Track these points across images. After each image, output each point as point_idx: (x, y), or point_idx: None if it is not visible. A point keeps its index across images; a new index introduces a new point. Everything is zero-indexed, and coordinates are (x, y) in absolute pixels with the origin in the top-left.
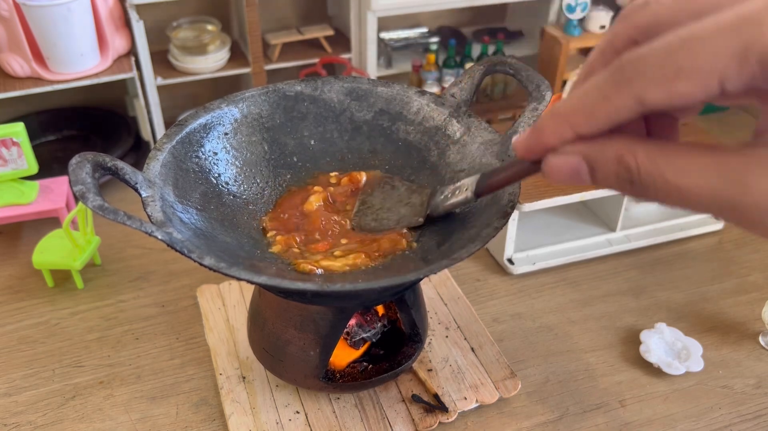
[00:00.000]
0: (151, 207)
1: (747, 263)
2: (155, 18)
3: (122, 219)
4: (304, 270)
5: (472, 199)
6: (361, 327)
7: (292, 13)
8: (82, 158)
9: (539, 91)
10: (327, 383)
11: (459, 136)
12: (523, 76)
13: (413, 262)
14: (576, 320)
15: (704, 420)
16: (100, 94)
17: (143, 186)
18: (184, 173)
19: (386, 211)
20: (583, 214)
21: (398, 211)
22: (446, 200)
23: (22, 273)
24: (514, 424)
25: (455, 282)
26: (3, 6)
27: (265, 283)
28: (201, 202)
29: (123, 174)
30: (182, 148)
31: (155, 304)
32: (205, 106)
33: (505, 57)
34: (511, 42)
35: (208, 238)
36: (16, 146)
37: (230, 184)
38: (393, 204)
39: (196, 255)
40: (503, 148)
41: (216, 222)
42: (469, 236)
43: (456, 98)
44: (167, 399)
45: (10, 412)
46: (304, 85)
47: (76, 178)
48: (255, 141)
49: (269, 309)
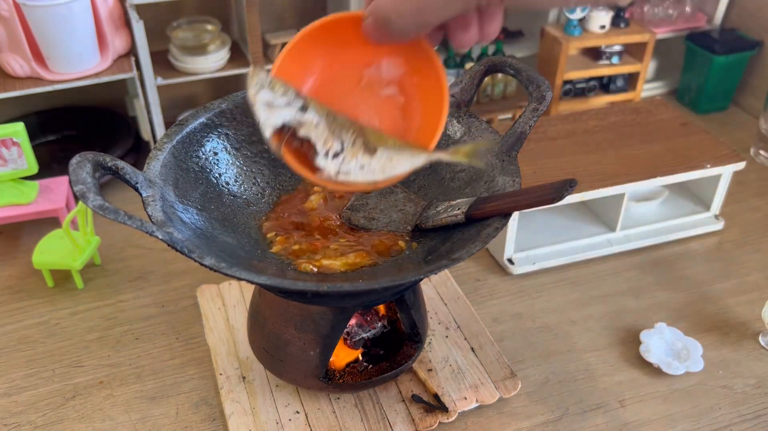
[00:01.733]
0: (151, 207)
1: (747, 263)
2: (155, 18)
3: (123, 219)
4: (305, 269)
5: (461, 220)
6: (361, 327)
7: (292, 13)
8: (83, 158)
9: (539, 91)
10: (327, 383)
11: (459, 136)
12: (523, 76)
13: (413, 262)
14: (576, 320)
15: (704, 420)
16: (100, 94)
17: (144, 186)
18: (185, 173)
19: (379, 212)
20: (583, 214)
21: (390, 215)
22: (437, 215)
23: (22, 273)
24: (514, 424)
25: (455, 282)
26: (3, 6)
27: (266, 283)
28: (201, 202)
29: (123, 174)
30: (183, 147)
31: (155, 304)
32: (205, 106)
33: (506, 57)
34: (511, 42)
35: (209, 238)
36: (16, 146)
37: (231, 184)
38: (387, 207)
39: (196, 255)
40: (503, 149)
41: (216, 222)
42: (469, 236)
43: (456, 98)
44: (167, 399)
45: (10, 412)
46: None
47: (76, 178)
48: (255, 140)
49: (269, 309)
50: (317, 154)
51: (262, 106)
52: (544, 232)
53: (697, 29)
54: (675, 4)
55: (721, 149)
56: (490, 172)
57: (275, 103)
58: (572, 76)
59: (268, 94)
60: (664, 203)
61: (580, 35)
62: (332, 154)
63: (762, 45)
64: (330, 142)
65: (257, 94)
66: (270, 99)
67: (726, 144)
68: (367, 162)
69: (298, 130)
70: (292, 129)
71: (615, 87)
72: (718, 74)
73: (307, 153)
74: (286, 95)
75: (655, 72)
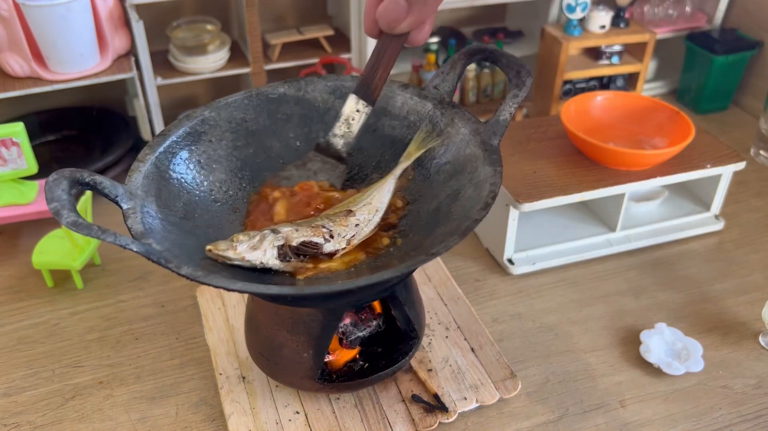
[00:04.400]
0: (131, 219)
1: (747, 263)
2: (155, 18)
3: (96, 234)
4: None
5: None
6: (357, 326)
7: (292, 13)
8: (59, 175)
9: (519, 77)
10: (324, 383)
11: (443, 127)
12: (503, 62)
13: (398, 258)
14: (576, 320)
15: (704, 420)
16: (100, 94)
17: (123, 199)
18: (167, 183)
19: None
20: (583, 214)
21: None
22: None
23: (22, 273)
24: (514, 424)
25: (455, 282)
26: (3, 6)
27: (242, 290)
28: (185, 211)
29: (102, 188)
30: (165, 158)
31: (155, 304)
32: (187, 114)
33: (485, 44)
34: (511, 42)
35: (193, 247)
36: (16, 146)
37: (215, 191)
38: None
39: (173, 265)
40: (486, 137)
41: (201, 230)
42: (450, 230)
43: (439, 90)
44: (167, 399)
45: (9, 412)
46: (288, 86)
47: (51, 196)
48: (240, 146)
49: (262, 313)
50: (321, 246)
51: (248, 254)
52: (544, 232)
53: (697, 29)
54: (675, 4)
55: (721, 149)
56: (473, 162)
57: (252, 245)
58: (572, 76)
59: (242, 245)
60: (664, 203)
61: (580, 35)
62: (328, 237)
63: (762, 45)
64: (319, 230)
65: (236, 252)
66: (245, 246)
67: (726, 144)
68: (357, 219)
69: (289, 243)
70: (285, 245)
71: (615, 87)
72: (718, 74)
73: (312, 254)
74: (250, 237)
75: (655, 72)
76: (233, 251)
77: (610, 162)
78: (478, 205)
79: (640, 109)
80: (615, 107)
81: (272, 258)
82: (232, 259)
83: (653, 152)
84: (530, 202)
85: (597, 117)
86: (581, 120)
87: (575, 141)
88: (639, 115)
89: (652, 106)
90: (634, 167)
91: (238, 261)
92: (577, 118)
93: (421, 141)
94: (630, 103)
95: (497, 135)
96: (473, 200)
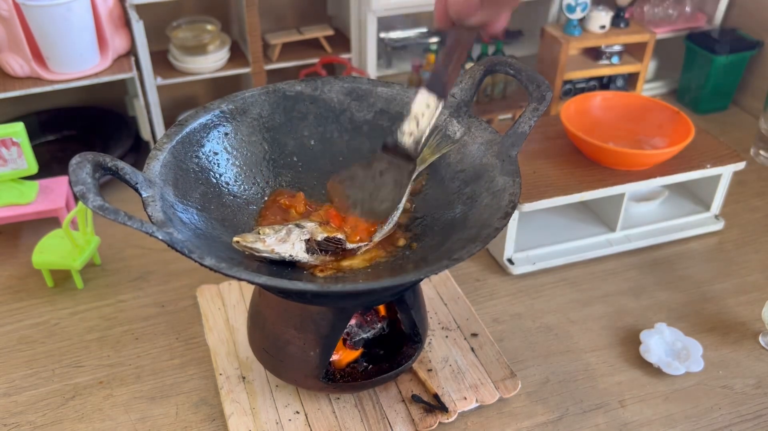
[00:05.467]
0: (151, 207)
1: (747, 263)
2: (155, 18)
3: (123, 220)
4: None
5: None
6: (361, 328)
7: (292, 13)
8: (83, 158)
9: (539, 91)
10: (327, 383)
11: (459, 136)
12: (523, 76)
13: (413, 262)
14: (576, 320)
15: (704, 420)
16: (100, 94)
17: (143, 186)
18: (185, 173)
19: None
20: (583, 214)
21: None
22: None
23: (22, 273)
24: (514, 424)
25: (455, 282)
26: (3, 6)
27: (266, 284)
28: (201, 202)
29: (123, 174)
30: (182, 148)
31: (155, 304)
32: (204, 106)
33: (506, 57)
34: (511, 42)
35: (209, 238)
36: (16, 146)
37: (231, 184)
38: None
39: (196, 255)
40: (503, 148)
41: (216, 223)
42: (469, 236)
43: (456, 98)
44: (167, 399)
45: (9, 412)
46: (305, 85)
47: (76, 178)
48: (255, 141)
49: (269, 309)
50: (343, 242)
51: (277, 246)
52: (544, 232)
53: (697, 29)
54: (675, 4)
55: (721, 149)
56: (490, 171)
57: (280, 237)
58: (572, 76)
59: (270, 238)
60: (664, 203)
61: (580, 35)
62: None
63: (762, 45)
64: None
65: (265, 244)
66: (273, 239)
67: (726, 144)
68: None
69: (314, 237)
70: (311, 240)
71: (615, 87)
72: (718, 74)
73: (334, 250)
74: (276, 230)
75: (655, 72)
76: (262, 243)
77: (610, 162)
78: (498, 214)
79: (640, 109)
80: (615, 107)
81: (301, 251)
82: (261, 251)
83: (653, 152)
84: (530, 202)
85: (597, 117)
86: (581, 120)
87: (575, 141)
88: (639, 115)
89: (651, 106)
90: (633, 167)
91: (266, 253)
92: (577, 118)
93: (435, 146)
94: (630, 103)
95: (516, 146)
96: (491, 208)
